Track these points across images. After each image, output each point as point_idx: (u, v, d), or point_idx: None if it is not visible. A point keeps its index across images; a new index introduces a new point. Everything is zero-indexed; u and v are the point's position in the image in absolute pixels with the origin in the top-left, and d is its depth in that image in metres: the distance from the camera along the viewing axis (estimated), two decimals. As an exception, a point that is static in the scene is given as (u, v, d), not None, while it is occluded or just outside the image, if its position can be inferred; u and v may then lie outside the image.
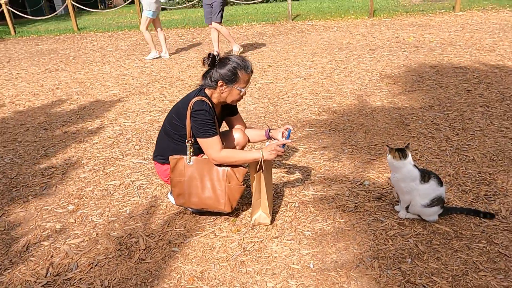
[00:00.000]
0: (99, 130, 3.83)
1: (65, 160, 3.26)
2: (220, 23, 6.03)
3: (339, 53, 5.93)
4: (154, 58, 6.49)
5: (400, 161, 2.12)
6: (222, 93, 2.19)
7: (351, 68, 5.14)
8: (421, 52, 5.57)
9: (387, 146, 2.20)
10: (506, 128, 3.22)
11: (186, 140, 2.22)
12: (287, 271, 1.95)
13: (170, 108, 4.22)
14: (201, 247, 2.16)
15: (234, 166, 2.21)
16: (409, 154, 2.15)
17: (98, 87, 5.22)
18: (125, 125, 3.91)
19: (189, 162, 2.23)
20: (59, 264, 2.10)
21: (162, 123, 3.87)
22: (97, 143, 3.55)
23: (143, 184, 2.82)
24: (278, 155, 2.19)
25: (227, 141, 2.42)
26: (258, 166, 2.19)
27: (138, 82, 5.30)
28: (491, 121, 3.35)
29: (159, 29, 6.48)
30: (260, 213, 2.27)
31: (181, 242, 2.20)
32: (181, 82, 5.18)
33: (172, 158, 2.23)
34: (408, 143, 2.23)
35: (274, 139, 2.38)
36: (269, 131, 2.41)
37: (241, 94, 2.21)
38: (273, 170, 2.86)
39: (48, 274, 2.03)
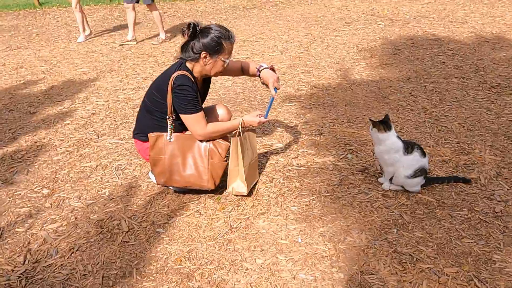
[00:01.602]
0: (70, 110, 3.65)
1: (35, 142, 3.10)
2: (151, 4, 5.37)
3: (315, 26, 5.85)
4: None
5: (385, 133, 2.11)
6: (205, 65, 2.08)
7: (328, 41, 5.09)
8: (396, 25, 5.57)
9: (370, 119, 2.19)
10: (481, 99, 3.28)
11: (167, 117, 2.13)
12: (276, 246, 1.94)
13: (145, 85, 4.08)
14: (186, 227, 2.11)
15: (214, 140, 2.16)
16: (392, 126, 2.15)
17: (65, 65, 4.96)
18: (97, 104, 3.74)
19: (169, 139, 2.15)
20: (37, 250, 2.01)
21: (136, 101, 3.73)
22: (69, 123, 3.38)
23: (121, 164, 2.72)
24: (259, 123, 2.16)
25: (210, 117, 2.34)
26: (236, 132, 2.14)
27: (109, 59, 5.06)
28: (467, 92, 3.41)
29: (78, 7, 5.83)
30: (238, 182, 2.22)
31: (166, 223, 2.15)
32: (154, 58, 4.99)
33: (152, 136, 2.14)
34: (387, 115, 2.21)
35: (263, 82, 2.28)
36: (260, 72, 2.26)
37: (225, 65, 2.11)
38: (257, 146, 2.81)
39: (26, 262, 1.94)
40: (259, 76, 2.29)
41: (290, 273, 1.79)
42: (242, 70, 2.38)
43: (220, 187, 2.37)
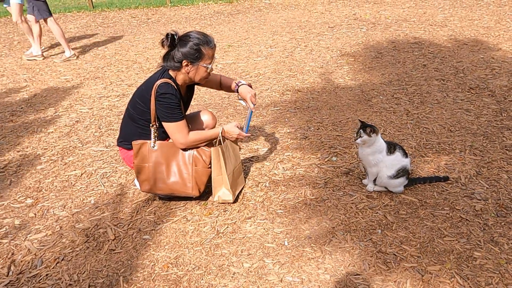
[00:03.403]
0: (54, 118, 3.61)
1: (18, 151, 3.06)
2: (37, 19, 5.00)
3: (299, 31, 5.91)
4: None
5: (378, 135, 2.15)
6: (188, 73, 2.10)
7: (312, 46, 5.15)
8: (378, 29, 5.67)
9: (372, 126, 2.16)
10: (461, 100, 3.37)
11: (151, 125, 2.13)
12: (263, 250, 1.96)
13: (130, 92, 4.06)
14: (173, 233, 2.11)
15: (198, 147, 2.17)
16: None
17: (48, 72, 4.90)
18: (81, 112, 3.71)
19: (153, 147, 2.14)
20: (21, 261, 1.98)
21: (121, 108, 3.71)
22: (52, 132, 3.34)
23: (106, 172, 2.70)
24: (239, 136, 2.19)
25: (194, 123, 2.35)
26: (217, 141, 2.16)
27: (92, 66, 5.03)
28: (447, 94, 3.50)
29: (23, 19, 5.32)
30: (223, 190, 2.24)
31: (152, 229, 2.14)
32: (139, 65, 4.97)
33: (135, 143, 2.14)
34: (359, 119, 2.25)
35: (241, 98, 2.34)
36: (239, 87, 2.33)
37: (208, 71, 2.13)
38: (241, 151, 2.84)
39: (10, 273, 1.92)
40: (237, 91, 2.34)
41: (277, 276, 1.81)
42: (221, 85, 2.42)
43: (206, 192, 2.38)
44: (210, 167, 2.18)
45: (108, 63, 5.11)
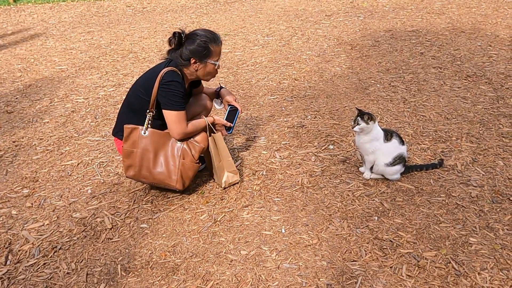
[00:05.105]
0: (49, 108, 3.59)
1: (13, 141, 3.04)
2: None
3: (296, 19, 5.87)
4: None
5: (376, 123, 2.15)
6: (196, 70, 2.12)
7: (309, 34, 5.11)
8: (375, 17, 5.63)
9: (369, 113, 2.16)
10: (458, 88, 3.36)
11: (147, 111, 2.11)
12: (260, 238, 1.97)
13: (126, 82, 4.04)
14: (170, 222, 2.11)
15: (188, 139, 2.18)
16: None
17: (43, 62, 4.86)
18: (77, 101, 3.68)
19: (144, 133, 2.12)
20: (19, 250, 1.99)
21: (117, 98, 3.68)
22: (48, 122, 3.32)
23: (103, 162, 2.69)
24: (222, 124, 2.27)
25: (196, 106, 2.36)
26: (208, 131, 2.19)
27: (87, 56, 4.98)
28: (444, 82, 3.49)
29: None
30: (227, 174, 2.26)
31: (149, 218, 2.15)
32: (134, 54, 4.93)
33: (127, 127, 2.12)
34: (356, 107, 2.26)
35: (221, 98, 2.43)
36: (220, 90, 2.43)
37: (216, 67, 2.13)
38: (238, 140, 2.83)
39: (8, 262, 1.92)
40: (218, 92, 2.42)
41: (274, 263, 1.82)
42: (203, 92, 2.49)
43: (204, 181, 2.38)
44: (198, 163, 2.17)
45: (104, 52, 5.07)
